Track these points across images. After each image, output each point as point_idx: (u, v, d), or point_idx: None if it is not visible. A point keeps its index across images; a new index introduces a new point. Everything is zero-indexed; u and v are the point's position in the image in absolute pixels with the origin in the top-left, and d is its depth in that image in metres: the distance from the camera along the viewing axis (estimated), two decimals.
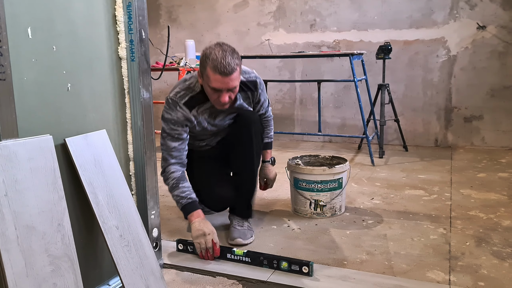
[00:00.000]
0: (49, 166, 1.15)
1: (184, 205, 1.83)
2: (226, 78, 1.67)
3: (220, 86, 1.70)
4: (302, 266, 1.59)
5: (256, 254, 1.70)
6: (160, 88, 5.09)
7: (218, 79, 1.68)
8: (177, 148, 1.87)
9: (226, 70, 1.66)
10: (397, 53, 4.01)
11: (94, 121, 1.39)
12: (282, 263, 1.63)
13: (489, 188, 2.65)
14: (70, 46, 1.27)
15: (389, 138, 4.21)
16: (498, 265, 1.65)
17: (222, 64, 1.65)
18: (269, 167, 2.22)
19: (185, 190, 1.84)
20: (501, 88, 3.80)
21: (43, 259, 1.09)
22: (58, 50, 1.23)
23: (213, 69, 1.66)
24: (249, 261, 1.69)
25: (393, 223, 2.12)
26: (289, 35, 4.49)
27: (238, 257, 1.71)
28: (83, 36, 1.32)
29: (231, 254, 1.72)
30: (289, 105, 4.58)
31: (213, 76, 1.68)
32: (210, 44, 1.75)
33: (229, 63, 1.66)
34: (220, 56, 1.66)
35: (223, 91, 1.71)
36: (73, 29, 1.28)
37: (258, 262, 1.68)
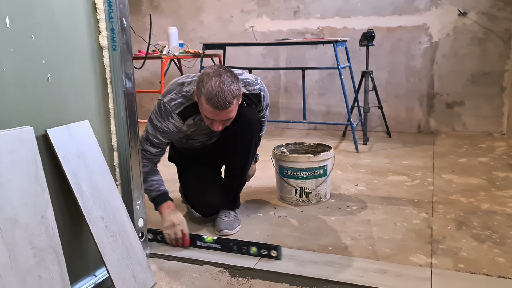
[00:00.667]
0: (30, 158, 1.14)
1: (153, 198, 1.83)
2: (219, 112, 1.61)
3: (213, 117, 1.65)
4: (271, 250, 1.63)
5: (225, 240, 1.73)
6: (143, 76, 5.03)
7: (211, 111, 1.62)
8: (152, 153, 1.85)
9: (220, 105, 1.58)
10: (380, 40, 4.03)
11: (76, 112, 1.37)
12: (251, 248, 1.66)
13: (470, 173, 2.71)
14: (49, 35, 1.25)
15: (373, 125, 4.26)
16: (477, 247, 1.70)
17: (217, 99, 1.57)
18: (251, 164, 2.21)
19: (153, 184, 1.83)
20: (481, 74, 3.86)
21: (27, 252, 1.08)
22: (37, 39, 1.21)
23: (207, 101, 1.59)
24: (219, 247, 1.72)
25: (377, 209, 2.16)
26: (272, 22, 4.46)
27: (208, 244, 1.73)
28: (62, 25, 1.29)
29: (201, 241, 1.75)
30: (273, 93, 4.58)
31: (207, 107, 1.61)
32: (211, 69, 1.64)
33: (224, 99, 1.57)
34: (216, 89, 1.57)
35: (216, 121, 1.68)
36: (52, 18, 1.26)
37: (228, 248, 1.70)
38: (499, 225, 1.90)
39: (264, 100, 1.95)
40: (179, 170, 2.14)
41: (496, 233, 1.82)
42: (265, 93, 1.95)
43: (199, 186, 2.01)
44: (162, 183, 1.87)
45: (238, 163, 1.93)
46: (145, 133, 1.83)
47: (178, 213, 1.82)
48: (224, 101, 1.58)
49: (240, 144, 1.89)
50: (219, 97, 1.57)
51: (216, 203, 1.99)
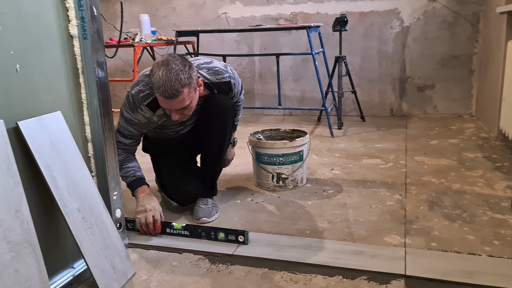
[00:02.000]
0: (2, 152, 1.11)
1: (129, 183, 1.85)
2: (171, 101, 1.62)
3: (167, 107, 1.66)
4: (238, 236, 1.67)
5: (194, 227, 1.75)
6: (116, 65, 4.93)
7: (163, 101, 1.63)
8: (126, 144, 1.87)
9: (168, 94, 1.58)
10: (353, 25, 4.06)
11: (47, 103, 1.34)
12: (219, 234, 1.70)
13: (441, 155, 2.79)
14: (16, 24, 1.21)
15: (347, 110, 4.31)
16: (448, 226, 1.77)
17: (164, 88, 1.57)
18: (230, 148, 2.25)
19: (129, 170, 1.85)
20: (451, 58, 3.95)
21: (2, 246, 1.06)
22: (4, 29, 1.17)
23: (156, 91, 1.61)
24: (188, 234, 1.75)
25: (352, 192, 2.20)
26: (246, 8, 4.43)
27: (177, 231, 1.76)
28: (30, 14, 1.26)
29: (170, 228, 1.77)
30: (248, 80, 4.57)
31: (158, 96, 1.63)
32: (161, 58, 1.64)
33: (171, 87, 1.57)
34: (163, 79, 1.57)
35: (172, 110, 1.68)
36: (18, 6, 1.22)
37: (197, 234, 1.73)
38: (469, 204, 1.97)
39: (235, 87, 1.95)
40: (153, 161, 2.12)
41: (466, 212, 1.89)
42: (235, 81, 1.94)
43: (175, 175, 2.01)
44: (138, 170, 1.88)
45: (213, 150, 1.94)
46: (118, 125, 1.83)
47: (153, 199, 1.83)
48: (172, 90, 1.58)
49: (215, 131, 1.89)
50: (166, 86, 1.57)
51: (193, 192, 1.99)
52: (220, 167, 2.03)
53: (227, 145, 1.98)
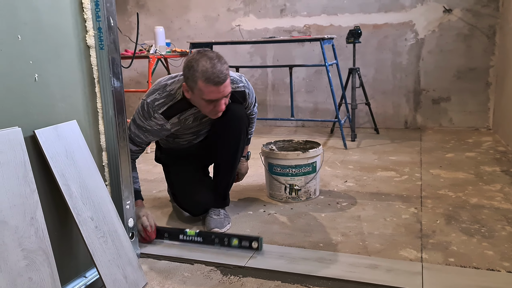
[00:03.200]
0: (19, 159, 1.12)
1: None
2: (221, 87, 1.62)
3: (217, 97, 1.64)
4: (252, 241, 1.65)
5: (207, 233, 1.75)
6: (130, 76, 4.99)
7: (214, 90, 1.61)
8: (132, 151, 1.83)
9: (220, 79, 1.59)
10: (366, 37, 4.06)
11: (64, 112, 1.35)
12: (232, 240, 1.68)
13: (457, 168, 2.74)
14: (35, 35, 1.23)
15: (360, 121, 4.28)
16: (466, 241, 1.73)
17: (214, 74, 1.58)
18: (243, 162, 2.24)
19: None
20: (467, 70, 3.91)
21: (16, 254, 1.06)
22: (24, 39, 1.19)
23: (206, 81, 1.59)
24: (201, 240, 1.74)
25: (366, 205, 2.17)
26: (259, 20, 4.46)
27: (190, 237, 1.75)
28: (48, 24, 1.28)
29: (183, 235, 1.76)
30: (261, 91, 4.58)
31: (207, 88, 1.61)
32: (192, 55, 1.64)
33: (220, 71, 1.59)
34: (209, 66, 1.58)
35: (219, 100, 1.66)
36: (38, 17, 1.24)
37: (210, 240, 1.72)
38: (488, 219, 1.93)
39: (249, 98, 1.96)
40: (165, 171, 2.12)
41: (485, 227, 1.85)
42: (249, 91, 1.95)
43: (187, 185, 2.00)
44: (136, 181, 1.87)
45: (227, 159, 1.93)
46: (128, 132, 1.80)
47: (143, 208, 1.83)
48: (221, 74, 1.59)
49: (228, 140, 1.89)
50: (216, 72, 1.58)
51: (205, 202, 1.98)
52: (233, 178, 2.03)
53: (240, 155, 1.97)
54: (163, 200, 2.36)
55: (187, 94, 1.71)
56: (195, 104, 1.74)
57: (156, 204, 2.30)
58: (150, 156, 2.25)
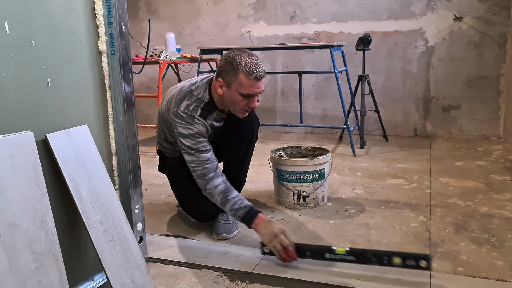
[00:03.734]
0: (30, 163, 1.14)
1: (243, 217, 1.70)
2: (260, 82, 1.68)
3: (255, 91, 1.69)
4: (419, 260, 1.44)
5: (361, 251, 1.54)
6: (141, 81, 5.03)
7: (253, 84, 1.67)
8: (211, 159, 1.75)
9: (261, 73, 1.67)
10: (376, 44, 4.05)
11: (75, 116, 1.37)
12: (393, 259, 1.47)
13: (467, 176, 2.72)
14: (49, 40, 1.25)
15: (369, 129, 4.27)
16: (476, 250, 1.71)
17: (257, 69, 1.65)
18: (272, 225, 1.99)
19: (236, 201, 1.71)
20: (477, 78, 3.88)
21: (27, 257, 1.08)
22: (37, 44, 1.21)
23: (248, 75, 1.65)
24: (353, 259, 1.52)
25: (375, 212, 2.16)
26: (269, 27, 4.48)
27: (339, 256, 1.53)
28: (62, 30, 1.30)
29: (331, 253, 1.55)
30: (270, 97, 4.59)
31: (248, 81, 1.66)
32: (232, 52, 1.70)
33: (261, 66, 1.68)
34: (252, 61, 1.66)
35: (254, 96, 1.71)
36: (51, 23, 1.26)
37: (365, 259, 1.51)
38: (498, 228, 1.91)
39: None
40: (170, 181, 2.11)
41: (495, 236, 1.83)
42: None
43: (194, 193, 1.94)
44: (243, 199, 1.74)
45: (237, 159, 1.96)
46: (188, 150, 1.74)
47: (275, 223, 1.70)
48: (262, 70, 1.68)
49: (242, 140, 1.92)
50: (258, 67, 1.66)
51: (214, 209, 1.95)
52: (242, 182, 2.03)
53: (250, 157, 1.99)
54: (171, 205, 2.37)
55: (219, 91, 1.73)
56: (227, 101, 1.74)
57: (165, 209, 2.31)
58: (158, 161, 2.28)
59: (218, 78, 1.73)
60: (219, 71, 1.73)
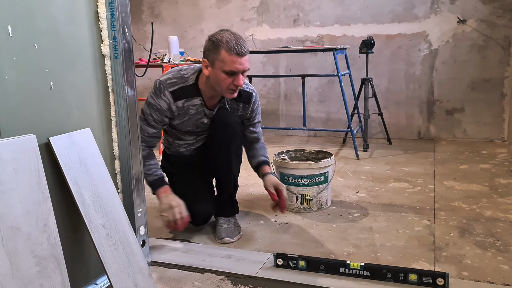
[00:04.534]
0: (33, 166, 1.14)
1: (151, 182, 1.84)
2: (243, 59, 1.69)
3: (238, 68, 1.69)
4: (436, 278, 1.43)
5: (376, 266, 1.51)
6: (144, 84, 5.04)
7: (235, 60, 1.68)
8: (149, 134, 1.86)
9: (243, 49, 1.68)
10: (379, 47, 4.04)
11: (78, 120, 1.37)
12: (409, 276, 1.46)
13: (471, 180, 2.70)
14: (52, 43, 1.25)
15: (373, 132, 4.26)
16: (481, 254, 1.69)
17: (238, 44, 1.67)
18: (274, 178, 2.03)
19: (151, 168, 1.84)
20: (481, 81, 3.87)
21: (29, 260, 1.07)
22: (40, 48, 1.21)
23: (229, 51, 1.67)
24: (368, 275, 1.51)
25: (379, 216, 2.15)
26: (272, 30, 4.48)
27: (354, 271, 1.52)
28: (65, 33, 1.30)
29: (345, 268, 1.54)
30: (273, 100, 4.59)
31: (229, 58, 1.67)
32: (215, 32, 1.74)
33: (244, 44, 1.70)
34: (233, 38, 1.68)
35: (238, 74, 1.71)
36: (54, 27, 1.26)
37: (380, 275, 1.49)
38: (503, 232, 1.89)
39: (253, 104, 1.96)
40: (170, 180, 2.08)
41: (500, 240, 1.81)
42: (256, 99, 1.99)
43: (188, 193, 1.93)
44: (158, 168, 1.89)
45: (222, 169, 1.95)
46: (141, 114, 1.83)
47: (176, 197, 1.83)
48: (244, 46, 1.69)
49: (220, 149, 1.91)
50: (239, 43, 1.68)
51: (204, 210, 1.97)
52: (235, 184, 2.00)
53: (236, 160, 1.95)
54: None
55: (205, 71, 1.76)
56: (213, 81, 1.76)
57: None
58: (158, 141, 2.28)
59: (203, 58, 1.76)
60: (203, 52, 1.76)
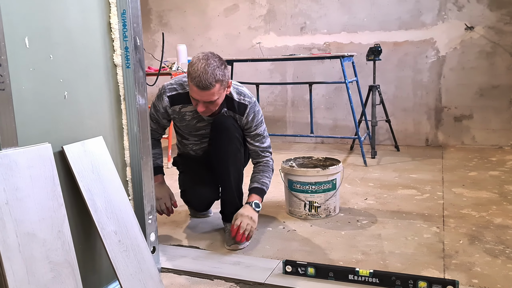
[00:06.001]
0: (48, 174, 1.16)
1: None
2: (202, 92, 1.75)
3: (196, 97, 1.79)
4: (446, 286, 1.42)
5: (385, 274, 1.52)
6: (153, 92, 5.04)
7: (195, 91, 1.77)
8: (152, 128, 2.00)
9: (202, 85, 1.73)
10: (387, 55, 4.06)
11: (91, 128, 1.40)
12: (419, 283, 1.46)
13: (481, 187, 2.70)
14: (66, 54, 1.29)
15: (380, 139, 4.26)
16: (491, 262, 1.69)
17: (199, 79, 1.72)
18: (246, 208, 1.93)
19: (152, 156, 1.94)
20: (490, 88, 3.86)
21: (44, 266, 1.10)
22: (55, 58, 1.24)
23: (191, 80, 1.75)
24: (377, 282, 1.52)
25: (387, 223, 2.15)
26: (279, 38, 4.52)
27: (363, 277, 1.53)
28: (79, 44, 1.33)
29: (354, 274, 1.55)
30: (281, 107, 4.61)
31: (191, 86, 1.77)
32: (200, 54, 1.80)
33: (206, 79, 1.72)
34: (200, 71, 1.72)
35: (199, 102, 1.80)
36: (69, 38, 1.29)
37: (389, 282, 1.50)
38: None
39: (248, 116, 1.96)
40: (180, 170, 2.25)
41: (510, 248, 1.80)
42: (252, 111, 1.96)
43: (194, 179, 2.11)
44: (158, 157, 2.07)
45: (221, 172, 1.98)
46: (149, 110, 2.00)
47: (163, 188, 2.05)
48: (206, 82, 1.72)
49: (216, 155, 1.99)
50: (202, 78, 1.72)
51: (209, 195, 2.09)
52: (237, 189, 2.01)
53: (235, 164, 1.96)
54: (184, 215, 2.38)
55: None
56: None
57: (178, 219, 2.33)
58: (171, 171, 2.30)
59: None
60: None
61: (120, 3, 1.44)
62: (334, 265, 1.65)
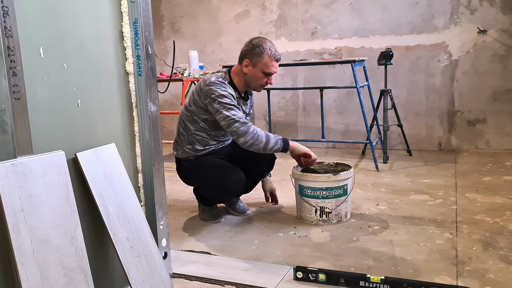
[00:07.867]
0: (62, 181, 1.19)
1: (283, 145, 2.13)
2: (277, 64, 2.16)
3: (275, 71, 2.15)
4: None
5: (397, 280, 1.51)
6: (164, 98, 5.14)
7: (275, 65, 2.14)
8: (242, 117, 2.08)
9: (279, 57, 2.17)
10: (398, 59, 4.04)
11: (103, 135, 1.42)
12: None
13: (495, 192, 2.66)
14: (79, 63, 1.31)
15: (392, 143, 4.23)
16: (505, 269, 1.67)
17: (277, 52, 2.15)
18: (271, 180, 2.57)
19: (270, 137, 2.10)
20: (504, 91, 3.82)
21: (57, 272, 1.12)
22: (69, 67, 1.27)
23: (271, 57, 2.12)
24: None
25: (399, 229, 2.14)
26: (290, 43, 4.53)
27: (374, 284, 1.53)
28: (92, 53, 1.36)
29: (365, 281, 1.55)
30: (292, 112, 4.61)
31: (271, 62, 2.12)
32: (256, 38, 2.16)
33: (279, 53, 2.17)
34: (274, 47, 2.15)
35: (272, 75, 2.16)
36: (82, 47, 1.32)
37: None
38: None
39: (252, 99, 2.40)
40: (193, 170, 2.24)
41: None
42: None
43: (225, 165, 2.19)
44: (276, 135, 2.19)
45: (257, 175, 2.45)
46: (227, 106, 2.05)
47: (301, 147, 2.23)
48: (279, 55, 2.19)
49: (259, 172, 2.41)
50: (277, 52, 2.16)
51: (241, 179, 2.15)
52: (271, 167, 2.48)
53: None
54: (195, 221, 2.40)
55: (245, 70, 2.15)
56: (250, 78, 2.16)
57: (189, 225, 2.34)
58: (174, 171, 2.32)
59: (245, 59, 2.14)
60: (244, 54, 2.15)
61: (132, 12, 1.46)
62: (345, 272, 1.65)
